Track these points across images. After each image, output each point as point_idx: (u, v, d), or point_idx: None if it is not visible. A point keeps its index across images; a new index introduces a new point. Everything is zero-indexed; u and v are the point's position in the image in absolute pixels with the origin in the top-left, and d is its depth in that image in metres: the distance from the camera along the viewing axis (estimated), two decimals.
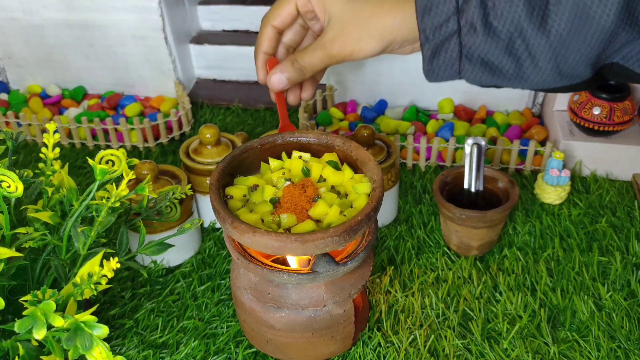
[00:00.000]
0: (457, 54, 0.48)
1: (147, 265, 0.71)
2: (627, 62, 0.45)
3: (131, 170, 0.52)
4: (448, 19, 0.47)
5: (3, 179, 0.47)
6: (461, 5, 0.46)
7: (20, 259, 0.51)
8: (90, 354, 0.42)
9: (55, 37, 1.01)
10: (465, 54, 0.48)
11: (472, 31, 0.46)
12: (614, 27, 0.43)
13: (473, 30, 0.46)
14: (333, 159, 0.57)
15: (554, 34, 0.44)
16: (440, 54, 0.48)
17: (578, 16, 0.43)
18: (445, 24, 0.47)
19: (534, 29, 0.44)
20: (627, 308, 0.64)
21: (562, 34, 0.44)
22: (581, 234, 0.74)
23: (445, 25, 0.47)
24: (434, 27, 0.47)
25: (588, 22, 0.43)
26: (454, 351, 0.60)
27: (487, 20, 0.45)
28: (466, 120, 0.95)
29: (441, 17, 0.47)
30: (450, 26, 0.47)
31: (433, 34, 0.47)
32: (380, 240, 0.74)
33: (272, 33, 0.57)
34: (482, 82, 0.49)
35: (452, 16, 0.46)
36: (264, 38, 0.57)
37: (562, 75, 0.47)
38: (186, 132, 0.97)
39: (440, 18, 0.47)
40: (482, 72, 0.48)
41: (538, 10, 0.44)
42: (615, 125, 0.80)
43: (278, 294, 0.54)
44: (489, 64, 0.47)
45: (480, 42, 0.46)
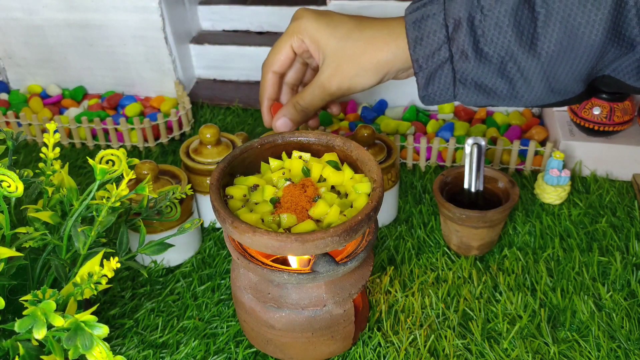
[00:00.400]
0: (451, 79, 0.49)
1: (147, 265, 0.71)
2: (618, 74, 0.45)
3: (131, 170, 0.52)
4: (440, 48, 0.48)
5: (3, 179, 0.47)
6: (451, 33, 0.47)
7: (21, 258, 0.52)
8: (91, 354, 0.43)
9: (55, 37, 1.01)
10: (459, 78, 0.49)
11: (464, 58, 0.47)
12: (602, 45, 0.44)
13: (465, 57, 0.47)
14: (333, 158, 0.57)
15: (544, 55, 0.45)
16: (435, 80, 0.49)
17: (567, 37, 0.44)
18: (437, 52, 0.48)
19: (524, 52, 0.45)
20: (627, 308, 0.64)
21: (552, 55, 0.45)
22: (581, 234, 0.74)
23: (437, 54, 0.48)
24: (427, 56, 0.49)
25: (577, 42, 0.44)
26: (454, 351, 0.60)
27: (477, 47, 0.47)
28: (466, 121, 0.95)
29: (432, 46, 0.48)
30: (442, 54, 0.48)
31: (426, 62, 0.49)
32: (380, 240, 0.74)
33: (273, 79, 0.60)
34: (477, 104, 0.50)
35: (444, 45, 0.48)
36: (266, 85, 0.60)
37: (555, 92, 0.48)
38: (186, 132, 0.97)
39: (431, 47, 0.48)
40: (477, 94, 0.49)
41: (527, 34, 0.45)
42: (616, 125, 0.80)
43: (278, 294, 0.54)
44: (482, 86, 0.48)
45: (472, 67, 0.47)
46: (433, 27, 0.47)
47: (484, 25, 0.46)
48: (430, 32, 0.47)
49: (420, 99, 0.52)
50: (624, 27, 0.43)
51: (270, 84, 0.60)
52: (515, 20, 0.45)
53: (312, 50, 0.55)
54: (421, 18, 0.48)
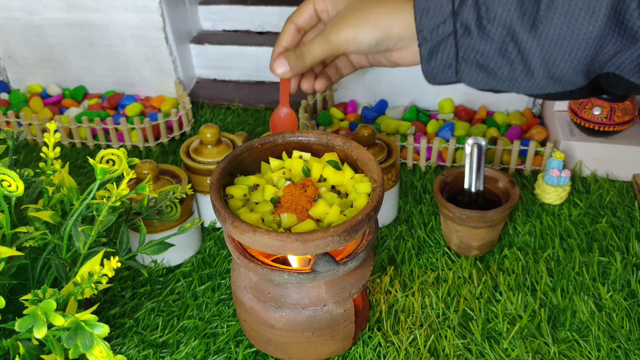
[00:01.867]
0: (454, 55, 0.49)
1: (148, 265, 0.71)
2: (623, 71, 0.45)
3: (132, 170, 0.52)
4: (444, 21, 0.48)
5: (4, 178, 0.47)
6: (457, 7, 0.47)
7: (21, 258, 0.52)
8: (91, 353, 0.43)
9: (55, 36, 1.01)
10: (462, 55, 0.49)
11: (467, 33, 0.48)
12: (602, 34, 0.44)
13: (467, 32, 0.48)
14: (333, 158, 0.57)
15: (544, 38, 0.45)
16: (437, 54, 0.50)
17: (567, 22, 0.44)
18: (442, 25, 0.48)
19: (525, 32, 0.46)
20: (627, 308, 0.64)
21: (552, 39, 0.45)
22: (581, 234, 0.74)
23: (442, 27, 0.48)
24: (431, 28, 0.49)
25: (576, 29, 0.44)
26: (454, 351, 0.60)
27: (480, 23, 0.47)
28: (466, 121, 0.95)
29: (438, 18, 0.48)
30: (446, 27, 0.48)
31: (430, 34, 0.49)
32: (380, 240, 0.74)
33: (292, 29, 0.60)
34: (479, 85, 0.50)
35: (448, 18, 0.48)
36: (284, 33, 0.61)
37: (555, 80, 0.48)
38: (186, 132, 0.97)
39: (437, 19, 0.48)
40: (478, 73, 0.49)
41: (529, 14, 0.45)
42: (616, 125, 0.80)
43: (278, 294, 0.54)
44: (484, 65, 0.49)
45: (474, 43, 0.48)
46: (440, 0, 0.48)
47: (488, 2, 0.46)
48: (437, 4, 0.48)
49: (423, 73, 0.52)
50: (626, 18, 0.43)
51: (287, 33, 0.61)
52: None
53: (329, 9, 0.57)
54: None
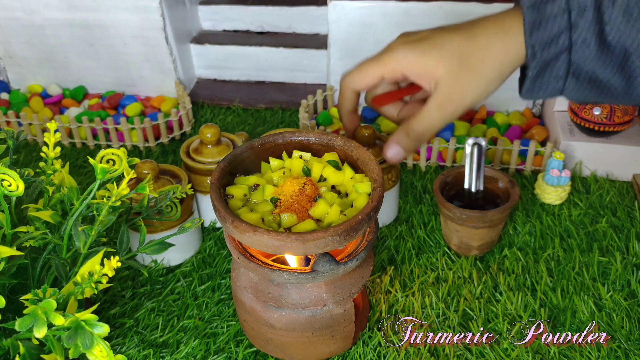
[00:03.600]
0: (565, 71, 0.44)
1: (148, 265, 0.71)
2: None
3: (132, 170, 0.52)
4: (560, 34, 0.43)
5: (4, 178, 0.47)
6: (574, 19, 0.42)
7: (21, 257, 0.52)
8: (91, 353, 0.43)
9: (56, 36, 1.01)
10: (573, 71, 0.44)
11: (585, 47, 0.43)
12: None
13: (586, 46, 0.43)
14: (334, 158, 0.57)
15: None
16: (546, 71, 0.45)
17: None
18: (556, 39, 0.43)
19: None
20: (627, 308, 0.64)
21: None
22: (581, 234, 0.74)
23: (556, 41, 0.43)
24: (544, 43, 0.44)
25: None
26: (454, 351, 0.60)
27: (602, 36, 0.42)
28: (467, 121, 0.95)
29: (552, 31, 0.43)
30: (561, 42, 0.43)
31: (542, 50, 0.44)
32: (380, 240, 0.74)
33: (354, 97, 0.54)
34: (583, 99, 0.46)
35: (564, 32, 0.43)
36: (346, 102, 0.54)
37: None
38: (187, 132, 0.97)
39: (551, 33, 0.43)
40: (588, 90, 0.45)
41: None
42: (616, 125, 0.80)
43: (278, 294, 0.54)
44: (596, 81, 0.44)
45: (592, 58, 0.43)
46: (554, 11, 0.43)
47: (611, 12, 0.41)
48: (551, 16, 0.43)
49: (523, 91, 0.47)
50: None
51: (350, 101, 0.54)
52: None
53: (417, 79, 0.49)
54: (540, 2, 0.43)
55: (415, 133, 0.50)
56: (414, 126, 0.50)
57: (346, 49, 0.97)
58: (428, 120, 0.49)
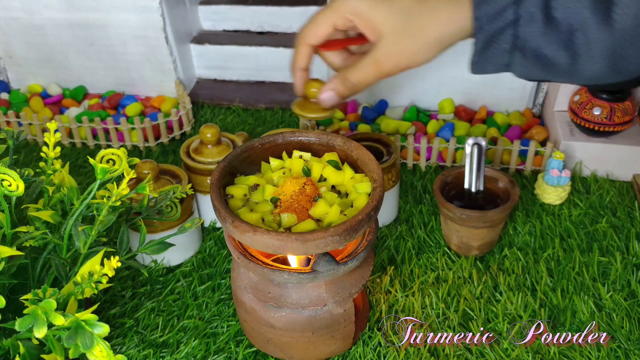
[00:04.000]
0: (511, 45, 0.45)
1: (148, 265, 0.71)
2: None
3: (132, 170, 0.52)
4: (505, 9, 0.44)
5: (4, 178, 0.47)
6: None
7: (21, 257, 0.52)
8: (91, 353, 0.43)
9: (56, 36, 1.01)
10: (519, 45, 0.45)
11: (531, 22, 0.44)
12: None
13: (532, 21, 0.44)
14: (334, 158, 0.57)
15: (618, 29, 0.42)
16: (492, 44, 0.46)
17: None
18: (502, 13, 0.44)
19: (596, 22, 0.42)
20: (627, 308, 0.64)
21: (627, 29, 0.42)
22: (581, 234, 0.74)
23: (502, 15, 0.44)
24: (490, 16, 0.45)
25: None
26: (454, 351, 0.60)
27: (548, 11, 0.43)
28: (467, 121, 0.95)
29: (499, 5, 0.44)
30: (506, 15, 0.44)
31: (488, 23, 0.45)
32: (380, 240, 0.74)
33: (307, 51, 0.55)
34: (531, 76, 0.47)
35: (511, 5, 0.44)
36: (299, 57, 0.56)
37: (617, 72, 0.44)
38: (187, 132, 0.97)
39: (497, 6, 0.44)
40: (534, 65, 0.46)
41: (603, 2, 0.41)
42: (616, 125, 0.80)
43: (278, 293, 0.54)
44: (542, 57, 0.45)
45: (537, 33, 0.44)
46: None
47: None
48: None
49: (471, 64, 0.48)
50: None
51: (303, 56, 0.56)
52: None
53: (363, 29, 0.50)
54: None
55: (349, 82, 0.52)
56: (349, 75, 0.52)
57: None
58: (363, 73, 0.51)
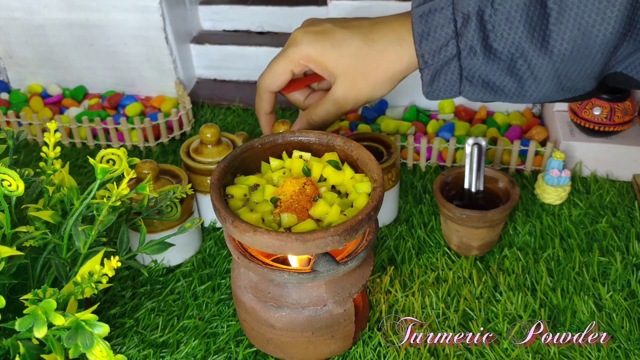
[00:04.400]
0: (458, 76, 0.48)
1: (148, 265, 0.71)
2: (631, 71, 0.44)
3: (132, 170, 0.52)
4: (447, 43, 0.46)
5: (4, 178, 0.47)
6: (459, 28, 0.45)
7: (21, 257, 0.52)
8: (91, 353, 0.43)
9: (56, 36, 1.01)
10: (466, 75, 0.47)
11: (472, 54, 0.46)
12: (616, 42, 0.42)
13: (473, 53, 0.46)
14: (334, 158, 0.57)
15: (556, 53, 0.44)
16: (440, 77, 0.48)
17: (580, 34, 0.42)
18: (444, 47, 0.46)
19: (535, 50, 0.44)
20: (628, 308, 0.64)
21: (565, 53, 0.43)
22: (581, 234, 0.74)
23: (444, 49, 0.46)
24: (433, 52, 0.47)
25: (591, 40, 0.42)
26: (454, 351, 0.60)
27: (486, 43, 0.45)
28: (467, 121, 0.95)
29: (439, 41, 0.46)
30: (449, 50, 0.46)
31: (432, 58, 0.47)
32: (380, 240, 0.74)
33: (270, 97, 0.61)
34: (482, 100, 0.50)
35: (451, 40, 0.46)
36: (263, 103, 0.61)
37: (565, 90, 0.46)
38: (187, 132, 0.97)
39: (438, 42, 0.46)
40: (483, 92, 0.48)
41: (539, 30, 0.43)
42: (616, 125, 0.80)
43: (278, 293, 0.54)
44: (489, 84, 0.47)
45: (480, 64, 0.46)
46: (440, 21, 0.46)
47: (494, 20, 0.44)
48: (438, 26, 0.46)
49: (424, 94, 0.51)
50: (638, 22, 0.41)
51: (266, 102, 0.61)
52: (527, 16, 0.43)
53: (319, 72, 0.55)
54: (428, 12, 0.46)
55: (314, 122, 0.58)
56: (313, 115, 0.58)
57: None
58: (325, 112, 0.56)
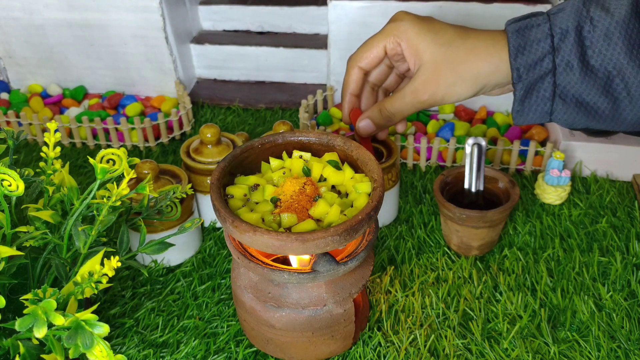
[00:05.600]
0: (551, 93, 0.46)
1: (148, 265, 0.71)
2: None
3: (132, 170, 0.52)
4: (543, 58, 0.45)
5: (4, 178, 0.47)
6: (557, 43, 0.45)
7: (21, 257, 0.52)
8: (91, 353, 0.43)
9: (56, 36, 1.01)
10: (559, 93, 0.46)
11: (568, 70, 0.45)
12: None
13: (569, 68, 0.45)
14: (334, 158, 0.57)
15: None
16: (533, 93, 0.47)
17: None
18: (540, 62, 0.45)
19: (634, 67, 0.43)
20: (628, 308, 0.64)
21: None
22: (581, 234, 0.74)
23: (540, 64, 0.46)
24: (528, 66, 0.46)
25: None
26: (454, 351, 0.60)
27: (584, 59, 0.44)
28: (467, 121, 0.95)
29: (536, 55, 0.45)
30: (545, 65, 0.45)
31: (527, 72, 0.46)
32: (380, 240, 0.74)
33: (358, 74, 0.57)
34: (573, 124, 0.48)
35: (548, 55, 0.45)
36: (350, 80, 0.57)
37: None
38: (187, 132, 0.97)
39: (534, 56, 0.46)
40: (576, 112, 0.47)
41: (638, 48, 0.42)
42: None
43: (278, 293, 0.54)
44: (583, 104, 0.46)
45: (576, 81, 0.45)
46: (537, 36, 0.45)
47: (592, 36, 0.43)
48: (535, 40, 0.45)
49: (513, 113, 0.49)
50: None
51: (354, 79, 0.57)
52: (626, 32, 0.42)
53: (407, 55, 0.52)
54: (525, 27, 0.46)
55: (387, 112, 0.55)
56: (387, 105, 0.55)
57: (346, 49, 0.97)
58: (400, 103, 0.53)
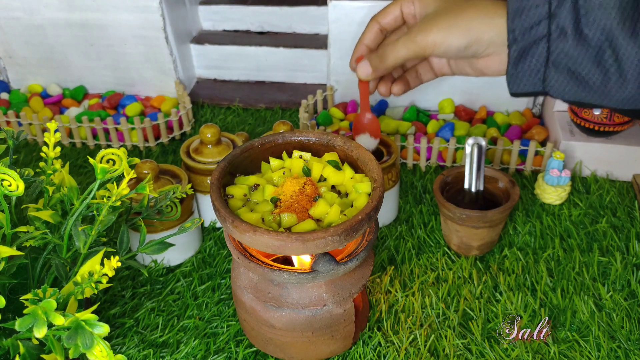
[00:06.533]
0: (544, 59, 0.47)
1: (148, 265, 0.71)
2: None
3: (132, 170, 0.52)
4: (539, 22, 0.46)
5: (4, 178, 0.47)
6: (554, 9, 0.46)
7: (21, 257, 0.52)
8: (91, 353, 0.43)
9: (56, 36, 1.01)
10: (553, 60, 0.47)
11: (562, 36, 0.46)
12: None
13: (563, 35, 0.46)
14: (334, 158, 0.57)
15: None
16: (527, 57, 0.48)
17: None
18: (536, 26, 0.46)
19: (625, 38, 0.43)
20: (627, 308, 0.64)
21: None
22: (581, 234, 0.74)
23: (536, 28, 0.47)
24: (524, 29, 0.47)
25: None
26: (454, 351, 0.60)
27: (578, 26, 0.45)
28: (467, 121, 0.95)
29: (532, 19, 0.47)
30: (540, 29, 0.46)
31: (522, 35, 0.47)
32: (380, 240, 0.74)
33: (376, 28, 0.59)
34: (566, 95, 0.48)
35: (544, 20, 0.46)
36: (367, 31, 0.59)
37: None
38: (187, 132, 0.97)
39: (531, 20, 0.47)
40: (568, 81, 0.47)
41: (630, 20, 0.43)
42: (616, 125, 0.80)
43: (278, 293, 0.54)
44: (575, 73, 0.46)
45: (569, 48, 0.46)
46: (536, 1, 0.46)
47: (588, 5, 0.44)
48: (533, 5, 0.46)
49: (507, 79, 0.50)
50: None
51: (370, 31, 0.60)
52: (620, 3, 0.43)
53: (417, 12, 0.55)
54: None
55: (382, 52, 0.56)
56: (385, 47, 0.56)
57: (346, 49, 0.97)
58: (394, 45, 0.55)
